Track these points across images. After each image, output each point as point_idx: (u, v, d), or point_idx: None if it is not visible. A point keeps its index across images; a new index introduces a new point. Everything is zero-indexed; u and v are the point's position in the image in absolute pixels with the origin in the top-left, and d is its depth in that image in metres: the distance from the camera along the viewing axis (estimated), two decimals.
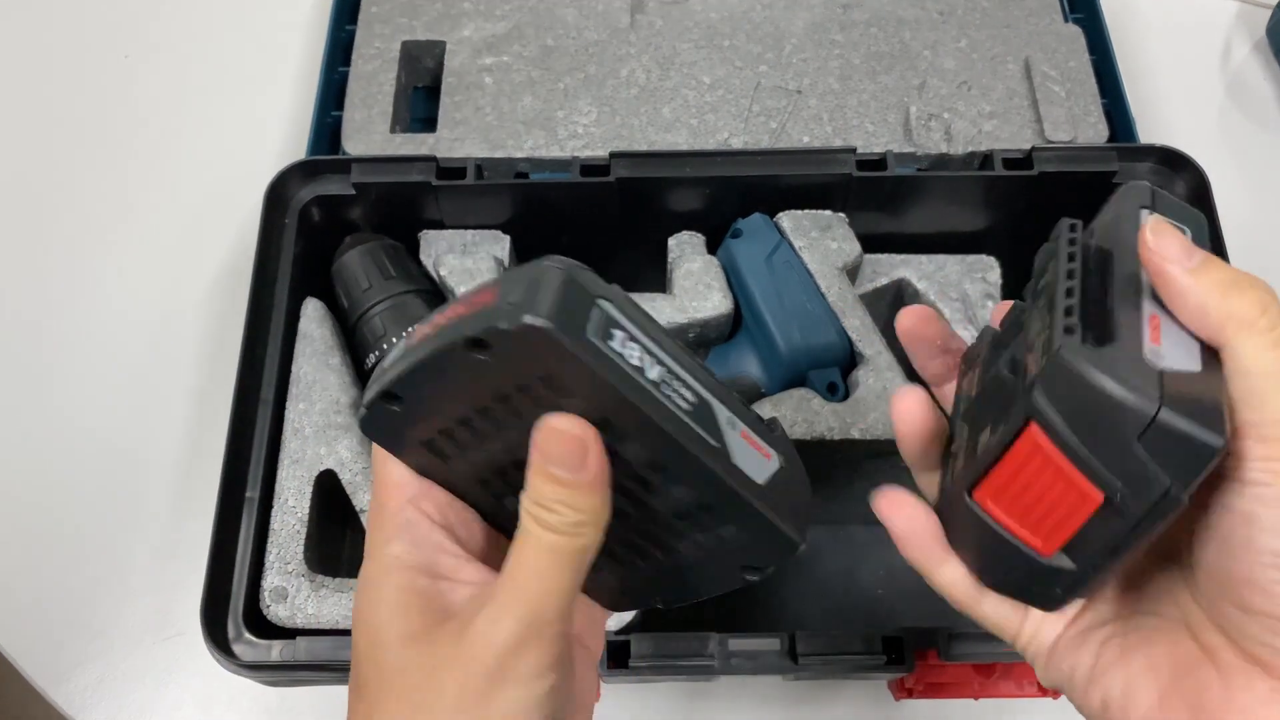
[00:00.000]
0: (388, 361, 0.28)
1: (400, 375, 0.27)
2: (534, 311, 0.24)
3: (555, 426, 0.26)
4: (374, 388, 0.28)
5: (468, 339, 0.25)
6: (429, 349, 0.26)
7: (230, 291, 0.66)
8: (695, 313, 0.52)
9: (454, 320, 0.26)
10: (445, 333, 0.26)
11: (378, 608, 0.28)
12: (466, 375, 0.26)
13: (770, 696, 0.55)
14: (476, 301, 0.26)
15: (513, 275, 0.26)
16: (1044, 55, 0.64)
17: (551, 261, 0.26)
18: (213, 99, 0.74)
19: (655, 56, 0.65)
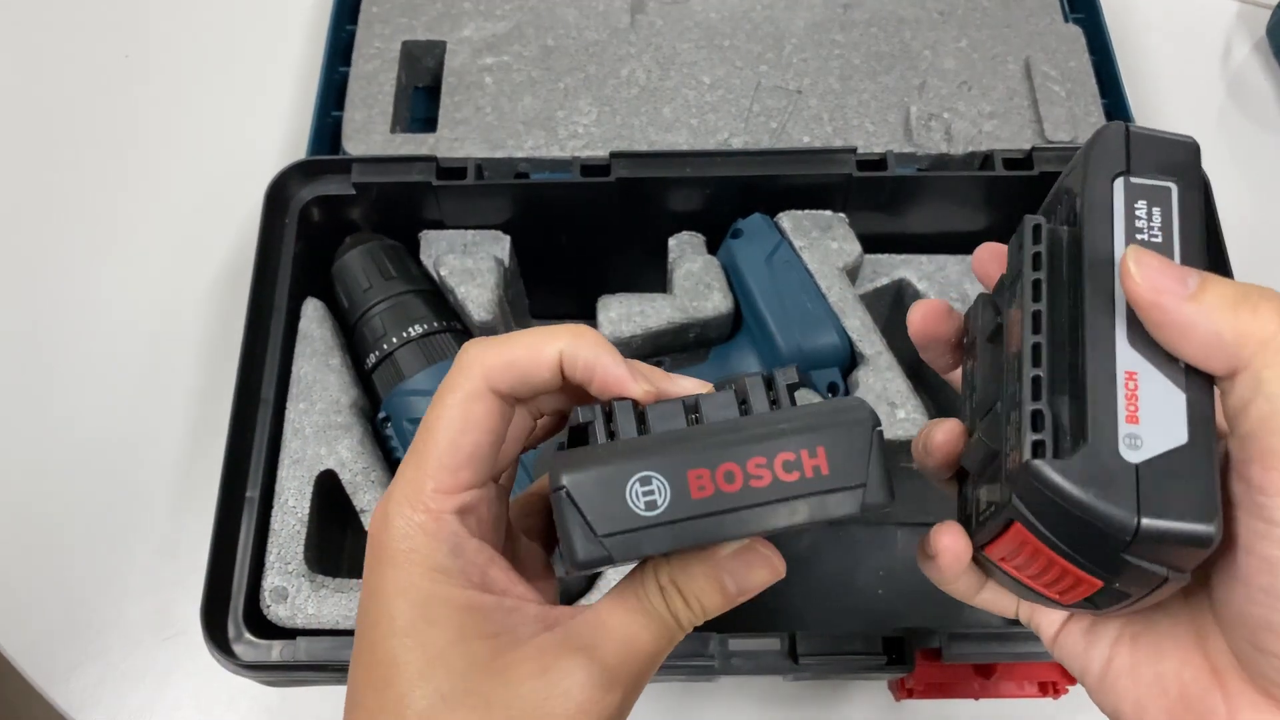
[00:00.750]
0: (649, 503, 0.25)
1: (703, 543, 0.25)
2: (881, 496, 0.25)
3: (769, 557, 0.26)
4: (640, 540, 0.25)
5: (830, 520, 0.25)
6: (762, 523, 0.25)
7: (231, 291, 0.66)
8: (695, 313, 0.52)
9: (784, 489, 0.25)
10: (781, 508, 0.25)
11: (419, 619, 0.25)
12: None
13: (771, 697, 0.55)
14: (806, 468, 0.25)
15: (839, 437, 0.25)
16: (1044, 55, 0.64)
17: (864, 412, 0.26)
18: (213, 99, 0.74)
19: (655, 56, 0.65)
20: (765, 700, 0.55)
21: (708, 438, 0.25)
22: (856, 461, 0.25)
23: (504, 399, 0.27)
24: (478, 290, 0.53)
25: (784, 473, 0.25)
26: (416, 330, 0.51)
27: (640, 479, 0.24)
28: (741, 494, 0.24)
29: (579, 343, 0.27)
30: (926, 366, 0.58)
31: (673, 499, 0.24)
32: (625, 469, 0.24)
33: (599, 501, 0.24)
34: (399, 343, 0.51)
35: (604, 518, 0.24)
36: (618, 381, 0.27)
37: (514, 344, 0.27)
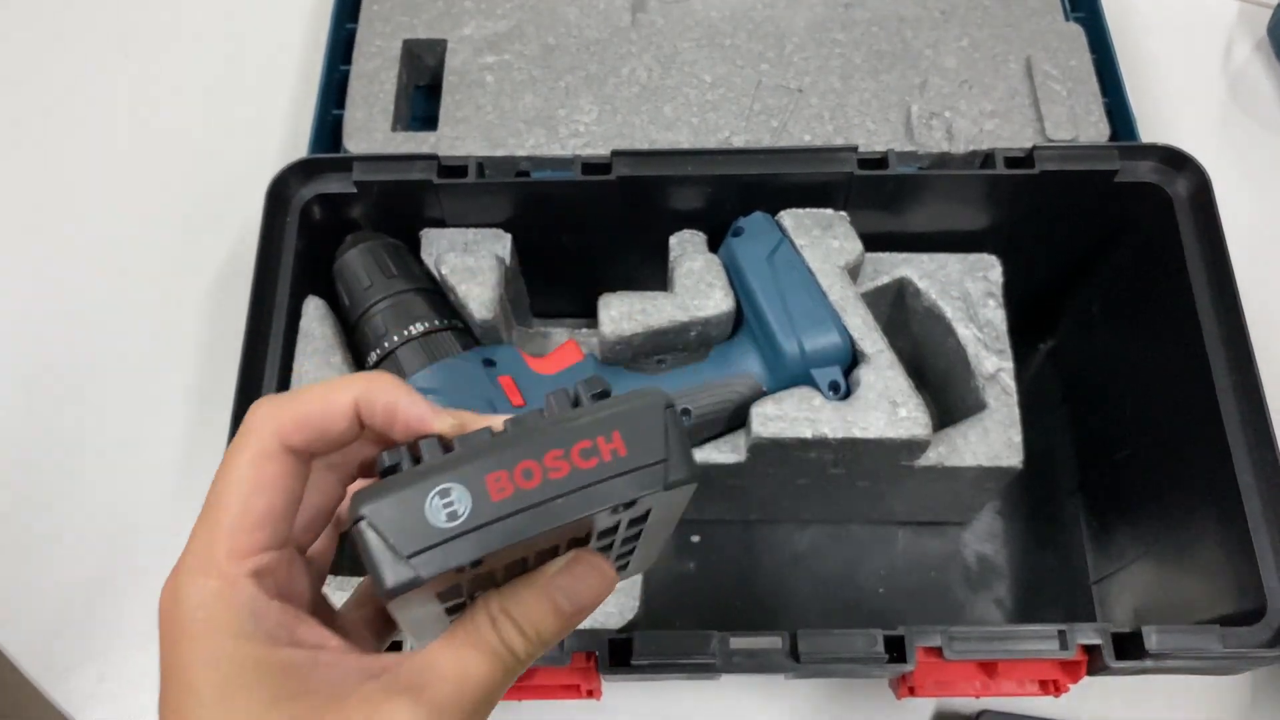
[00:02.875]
0: (450, 514, 0.24)
1: (517, 540, 0.24)
2: (689, 469, 0.25)
3: (600, 566, 0.26)
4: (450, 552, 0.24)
5: (620, 504, 0.24)
6: (566, 514, 0.24)
7: (231, 290, 0.66)
8: (696, 311, 0.52)
9: (583, 476, 0.24)
10: (583, 495, 0.24)
11: (226, 689, 0.24)
12: (570, 528, 0.25)
13: (772, 695, 0.55)
14: (604, 452, 0.25)
15: (633, 422, 0.25)
16: (1045, 54, 0.64)
17: (657, 397, 0.26)
18: (214, 97, 0.74)
19: (656, 55, 0.65)
20: (766, 698, 0.55)
21: (504, 444, 0.25)
22: (654, 440, 0.25)
23: (299, 456, 0.26)
24: (479, 288, 0.53)
25: (582, 461, 0.24)
26: (418, 328, 0.51)
27: (439, 492, 0.24)
28: (542, 488, 0.24)
29: (374, 387, 0.27)
30: (928, 365, 0.58)
31: (474, 506, 0.24)
32: (422, 486, 0.24)
33: (399, 523, 0.24)
34: (400, 341, 0.51)
35: (406, 538, 0.24)
36: (419, 419, 0.27)
37: (305, 397, 0.26)
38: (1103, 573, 0.59)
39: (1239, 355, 0.49)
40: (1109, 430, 0.60)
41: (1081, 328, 0.63)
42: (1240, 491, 0.47)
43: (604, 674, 0.44)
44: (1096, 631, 0.44)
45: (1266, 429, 0.47)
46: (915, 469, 0.51)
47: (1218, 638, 0.44)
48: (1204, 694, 0.55)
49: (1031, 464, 0.51)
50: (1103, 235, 0.58)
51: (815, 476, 0.53)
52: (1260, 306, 0.51)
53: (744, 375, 0.52)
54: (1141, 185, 0.54)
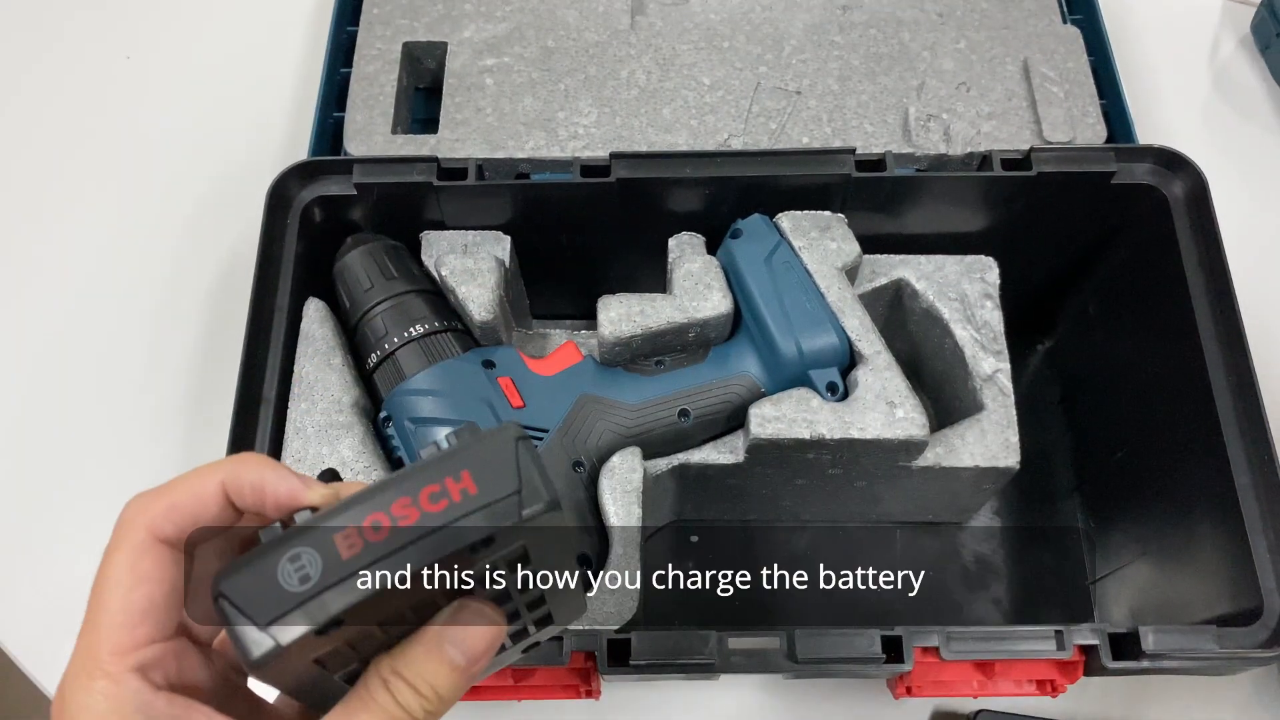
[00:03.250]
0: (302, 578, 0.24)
1: (372, 595, 0.24)
2: (546, 495, 0.24)
3: (485, 612, 0.25)
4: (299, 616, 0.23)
5: (477, 542, 0.24)
6: (419, 559, 0.24)
7: (232, 291, 0.66)
8: (695, 313, 0.52)
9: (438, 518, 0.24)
10: (439, 536, 0.24)
11: None
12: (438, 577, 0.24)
13: (770, 695, 0.56)
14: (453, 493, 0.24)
15: (482, 459, 0.25)
16: (1042, 56, 0.65)
17: (507, 431, 0.25)
18: (215, 100, 0.74)
19: (655, 58, 0.65)
20: (765, 698, 0.56)
21: (355, 501, 0.24)
22: (505, 473, 0.24)
23: (174, 546, 0.26)
24: (478, 290, 0.53)
25: (430, 505, 0.24)
26: (418, 330, 0.51)
27: (290, 557, 0.24)
28: (390, 538, 0.24)
29: (240, 469, 0.27)
30: (925, 366, 0.58)
31: (324, 566, 0.24)
32: (274, 555, 0.24)
33: (254, 593, 0.24)
34: (400, 343, 0.51)
35: (262, 607, 0.24)
36: (290, 494, 0.26)
37: (173, 488, 0.27)
38: (1100, 573, 0.59)
39: (1235, 356, 0.49)
40: (1106, 431, 0.60)
41: (1079, 329, 0.63)
42: (1237, 492, 0.47)
43: (603, 673, 0.44)
44: (1093, 632, 0.44)
45: (1263, 429, 0.48)
46: (913, 469, 0.51)
47: (1214, 638, 0.44)
48: (1201, 694, 0.55)
49: (1029, 464, 0.51)
50: (1100, 236, 0.58)
51: (813, 477, 0.54)
52: (1256, 307, 0.51)
53: (742, 376, 0.52)
54: (1138, 187, 0.54)
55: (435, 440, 0.27)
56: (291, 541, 0.24)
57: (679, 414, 0.51)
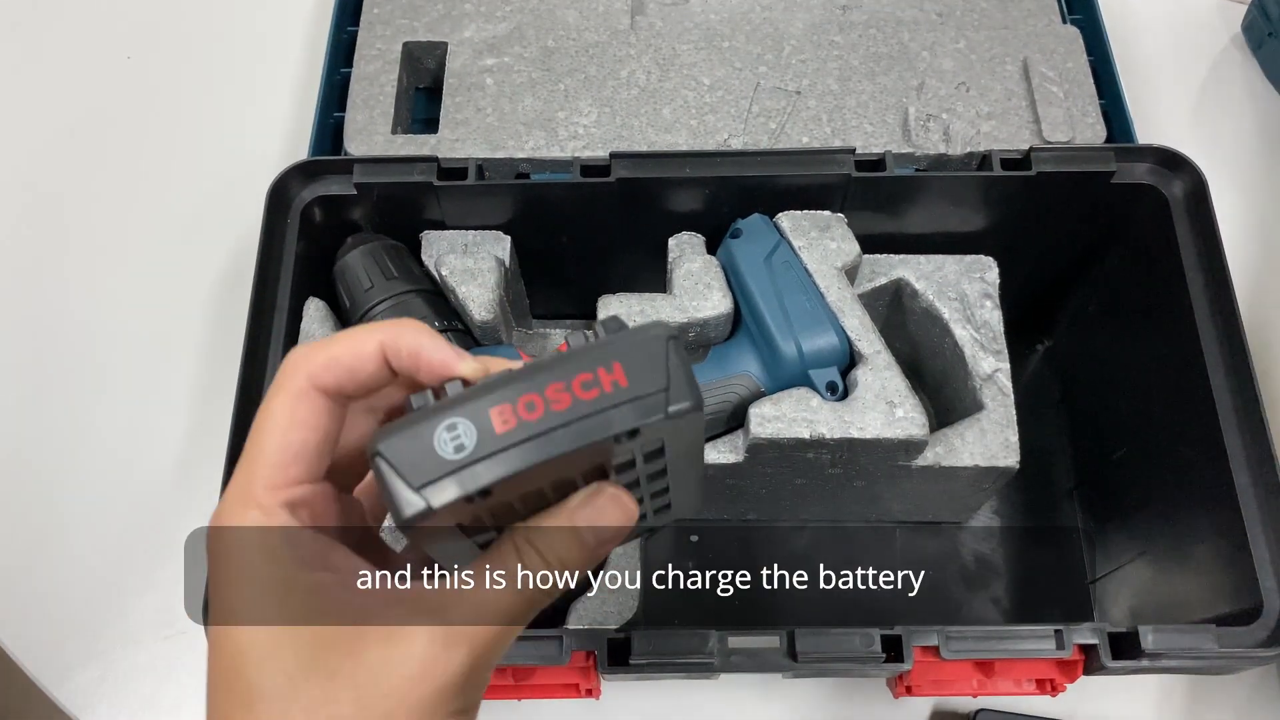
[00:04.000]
0: (457, 447, 0.25)
1: (518, 471, 0.25)
2: (692, 396, 0.25)
3: (620, 499, 0.26)
4: (458, 482, 0.25)
5: (623, 433, 0.25)
6: (567, 444, 0.24)
7: (232, 291, 0.66)
8: (695, 312, 0.52)
9: (584, 407, 0.25)
10: (583, 425, 0.25)
11: (264, 610, 0.26)
12: (585, 459, 0.25)
13: (770, 694, 0.56)
14: (604, 384, 0.25)
15: (635, 352, 0.25)
16: (1042, 56, 0.65)
17: (660, 329, 0.26)
18: (215, 100, 0.74)
19: (655, 58, 0.66)
20: (764, 698, 0.56)
21: (511, 380, 0.25)
22: (655, 370, 0.25)
23: (332, 397, 0.28)
24: (479, 290, 0.53)
25: (583, 392, 0.25)
26: None
27: (446, 426, 0.25)
28: (544, 419, 0.25)
29: (399, 332, 0.28)
30: (925, 366, 0.58)
31: (479, 438, 0.25)
32: (432, 421, 0.25)
33: (411, 457, 0.25)
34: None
35: (417, 470, 0.25)
36: (443, 363, 0.28)
37: (336, 342, 0.28)
38: (1099, 572, 0.59)
39: (1235, 355, 0.49)
40: (1106, 430, 0.60)
41: (1078, 328, 0.63)
42: (1236, 491, 0.47)
43: (603, 673, 0.44)
44: (1093, 631, 0.45)
45: (1262, 429, 0.48)
46: (912, 469, 0.51)
47: (1213, 637, 0.44)
48: (1200, 693, 0.56)
49: (1028, 464, 0.51)
50: (1099, 236, 0.58)
51: (813, 477, 0.54)
52: (1256, 306, 0.52)
53: (742, 376, 0.52)
54: (1138, 186, 0.54)
55: (585, 330, 0.28)
56: (448, 411, 0.25)
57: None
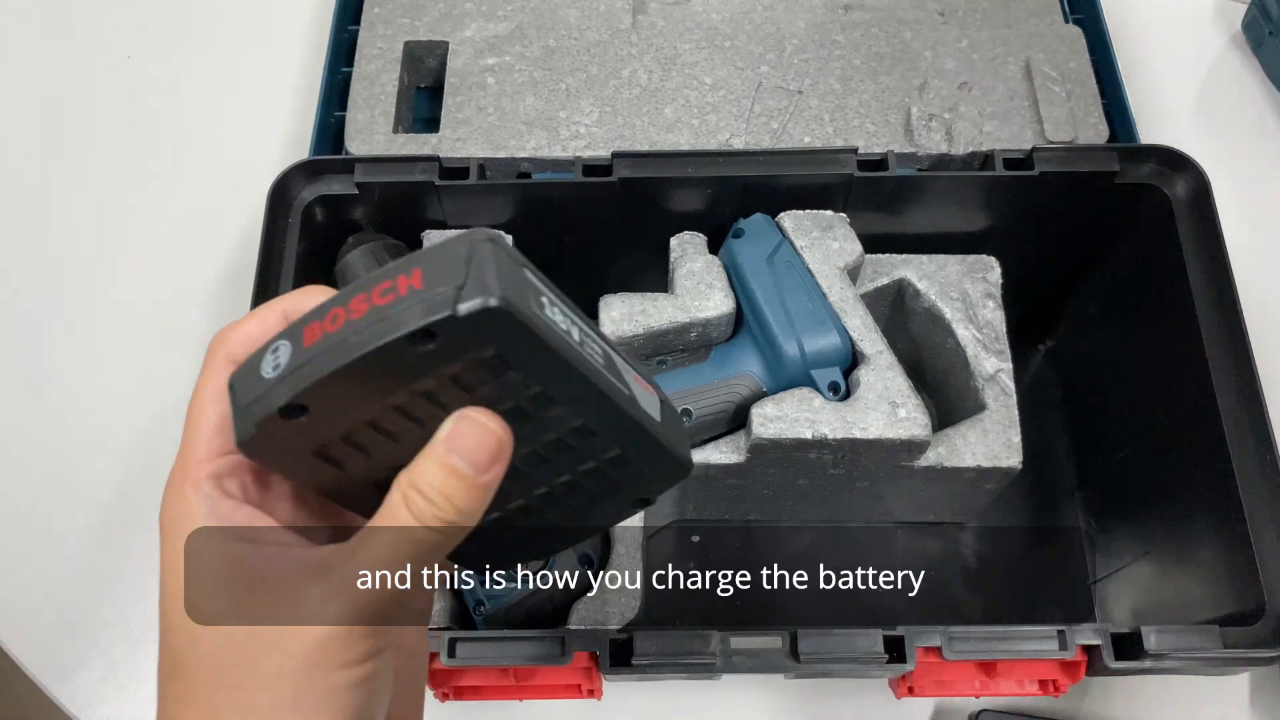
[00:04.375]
0: (274, 366, 0.25)
1: (314, 383, 0.24)
2: (488, 291, 0.23)
3: (479, 420, 0.26)
4: (266, 400, 0.25)
5: (414, 332, 0.23)
6: (356, 349, 0.24)
7: (234, 291, 0.66)
8: (697, 312, 0.52)
9: (379, 313, 0.24)
10: (374, 328, 0.24)
11: (192, 583, 0.27)
12: (394, 371, 0.24)
13: (772, 695, 0.56)
14: (400, 287, 0.24)
15: (437, 255, 0.24)
16: (1044, 56, 0.64)
17: (475, 233, 0.25)
18: (216, 100, 0.74)
19: (657, 57, 0.65)
20: (766, 698, 0.56)
21: (331, 299, 0.25)
22: (453, 270, 0.24)
23: None
24: None
25: (380, 299, 0.24)
26: None
27: (271, 349, 0.25)
28: (344, 329, 0.24)
29: (301, 298, 0.29)
30: (927, 366, 0.58)
31: (291, 354, 0.25)
32: (265, 346, 0.26)
33: (244, 383, 0.26)
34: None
35: (247, 394, 0.26)
36: None
37: (249, 317, 0.29)
38: (1102, 573, 0.59)
39: (1238, 355, 0.49)
40: (1108, 430, 0.60)
41: (1081, 328, 0.63)
42: (1239, 491, 0.47)
43: (605, 673, 0.44)
44: (1095, 632, 0.44)
45: (1265, 429, 0.47)
46: (915, 469, 0.51)
47: (1217, 637, 0.44)
48: (1203, 694, 0.55)
49: (1031, 464, 0.51)
50: (1102, 236, 0.58)
51: (815, 477, 0.54)
52: (1258, 306, 0.51)
53: (744, 376, 0.52)
54: (1140, 186, 0.54)
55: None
56: (279, 334, 0.26)
57: (680, 414, 0.51)
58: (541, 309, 0.25)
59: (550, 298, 0.26)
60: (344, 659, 0.26)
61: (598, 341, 0.27)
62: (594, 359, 0.26)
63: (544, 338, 0.25)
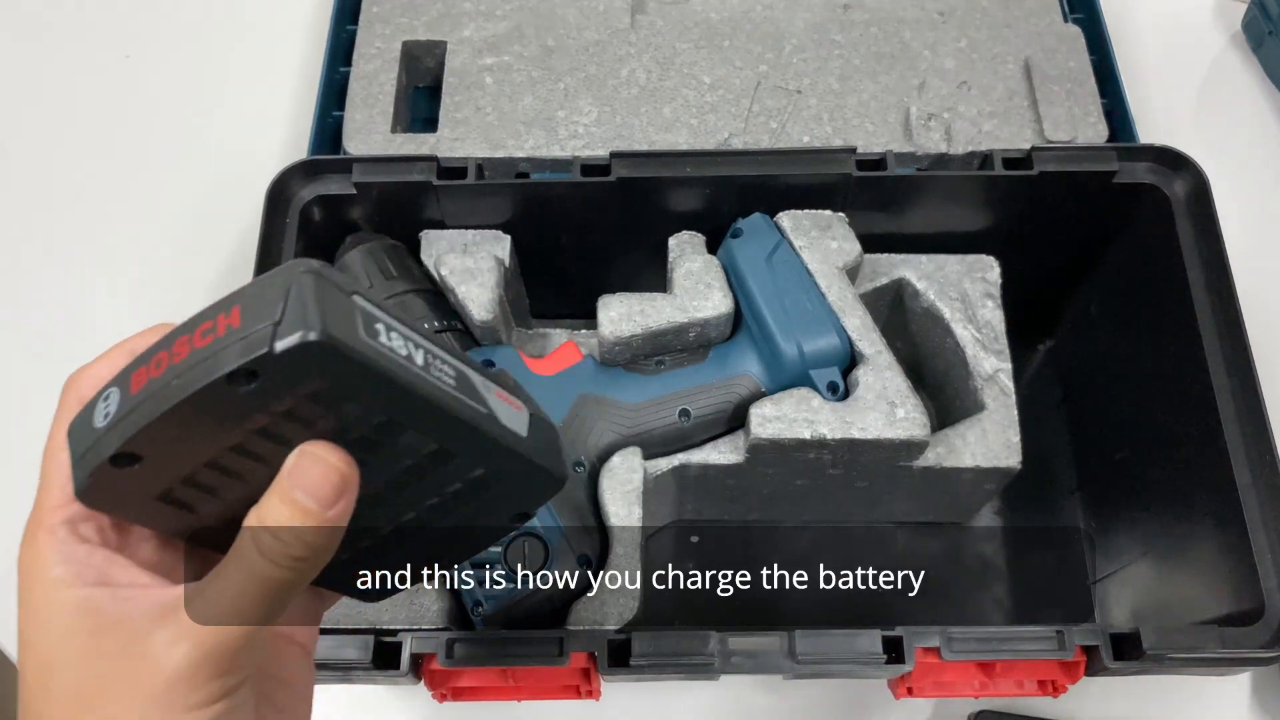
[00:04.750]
0: (105, 414, 0.25)
1: (140, 430, 0.24)
2: (307, 325, 0.23)
3: (319, 454, 0.25)
4: (97, 450, 0.25)
5: (232, 373, 0.23)
6: (179, 394, 0.23)
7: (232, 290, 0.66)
8: (696, 312, 0.52)
9: (198, 355, 0.23)
10: (193, 372, 0.23)
11: (46, 629, 0.27)
12: (222, 413, 0.24)
13: (770, 695, 0.56)
14: (219, 328, 0.23)
15: (256, 291, 0.24)
16: (1044, 55, 0.64)
17: (295, 265, 0.24)
18: (214, 99, 0.74)
19: (655, 56, 0.65)
20: (765, 698, 0.56)
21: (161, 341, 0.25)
22: (271, 306, 0.23)
23: None
24: (478, 290, 0.53)
25: (200, 340, 0.23)
26: None
27: (104, 396, 0.25)
28: (166, 373, 0.24)
29: (142, 339, 0.28)
30: (926, 366, 0.58)
31: (120, 401, 0.25)
32: (99, 393, 0.25)
33: (79, 433, 0.25)
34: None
35: (80, 443, 0.25)
36: None
37: (96, 361, 0.29)
38: (1101, 573, 0.59)
39: (1237, 355, 0.49)
40: (1107, 430, 0.60)
41: (1080, 328, 0.63)
42: (1238, 492, 0.47)
43: (603, 674, 0.44)
44: (1094, 632, 0.44)
45: (1264, 429, 0.47)
46: (914, 469, 0.51)
47: (1216, 638, 0.44)
48: (1202, 694, 0.55)
49: (1030, 464, 0.51)
50: (1101, 236, 0.58)
51: (814, 477, 0.54)
52: (1258, 306, 0.51)
53: (743, 376, 0.52)
54: (1139, 186, 0.54)
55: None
56: (112, 380, 0.25)
57: (679, 414, 0.51)
58: (374, 336, 0.24)
59: (387, 322, 0.25)
60: (190, 701, 0.26)
61: (448, 361, 0.27)
62: (442, 381, 0.26)
63: (376, 366, 0.24)
